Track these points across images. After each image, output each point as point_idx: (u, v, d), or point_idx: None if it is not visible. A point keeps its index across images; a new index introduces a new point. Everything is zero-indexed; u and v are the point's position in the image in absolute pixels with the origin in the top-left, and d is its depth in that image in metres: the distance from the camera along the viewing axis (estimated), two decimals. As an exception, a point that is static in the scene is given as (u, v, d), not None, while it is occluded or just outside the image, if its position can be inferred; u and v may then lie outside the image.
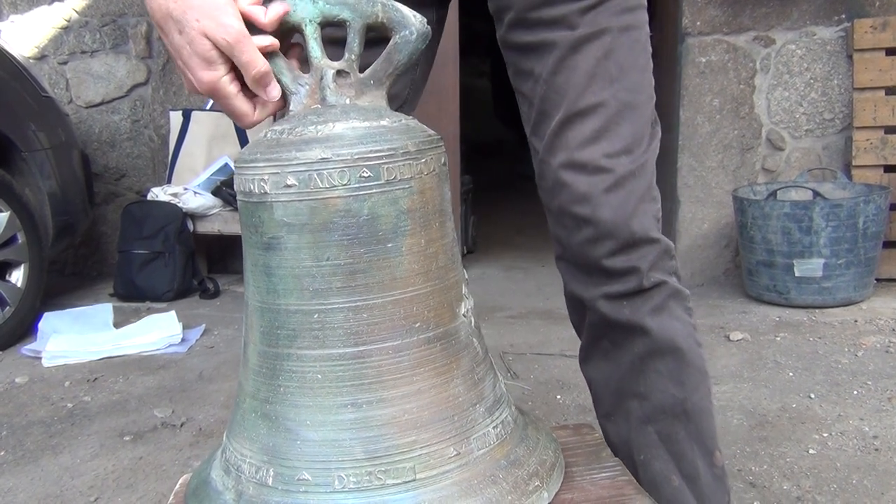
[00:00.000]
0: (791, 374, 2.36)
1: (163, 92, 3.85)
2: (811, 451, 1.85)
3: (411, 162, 0.71)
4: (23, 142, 3.03)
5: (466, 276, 0.80)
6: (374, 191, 0.69)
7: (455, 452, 0.70)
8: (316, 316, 0.70)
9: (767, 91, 3.43)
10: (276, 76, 0.74)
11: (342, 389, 0.69)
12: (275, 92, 0.74)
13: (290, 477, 0.69)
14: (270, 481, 0.70)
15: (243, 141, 3.62)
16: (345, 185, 0.68)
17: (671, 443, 1.00)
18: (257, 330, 0.73)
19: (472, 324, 0.77)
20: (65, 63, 3.87)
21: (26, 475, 1.85)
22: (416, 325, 0.71)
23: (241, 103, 0.74)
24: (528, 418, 0.83)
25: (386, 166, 0.69)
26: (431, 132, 0.76)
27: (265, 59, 0.72)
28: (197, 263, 3.60)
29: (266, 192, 0.70)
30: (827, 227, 2.92)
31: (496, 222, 4.89)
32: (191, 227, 3.53)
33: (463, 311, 0.75)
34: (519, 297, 3.37)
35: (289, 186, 0.69)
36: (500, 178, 6.69)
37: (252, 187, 0.71)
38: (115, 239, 3.68)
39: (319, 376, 0.70)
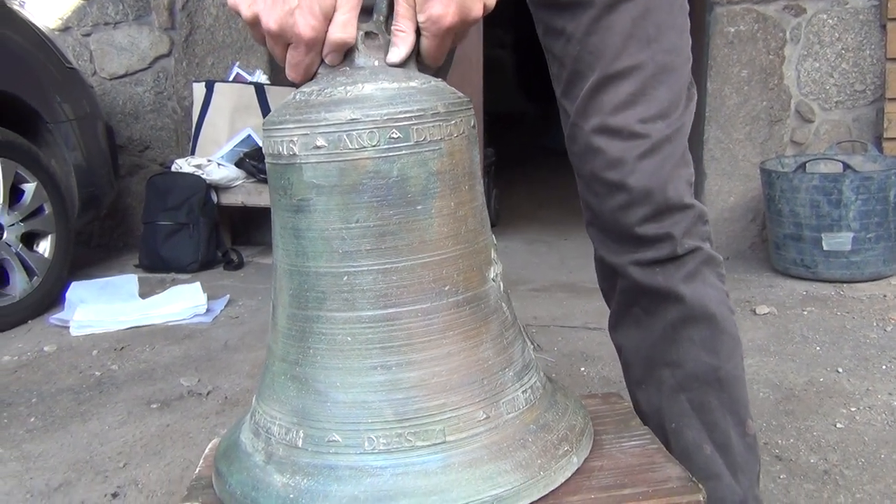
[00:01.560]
0: (818, 348, 2.33)
1: (186, 63, 3.85)
2: (838, 426, 1.83)
3: (441, 123, 0.70)
4: (48, 113, 3.04)
5: (495, 242, 0.79)
6: (403, 152, 0.68)
7: (485, 416, 0.70)
8: (345, 278, 0.69)
9: (797, 62, 3.36)
10: None
11: (371, 352, 0.69)
12: (336, 59, 0.72)
13: (320, 438, 0.69)
14: (300, 443, 0.70)
15: (266, 112, 3.62)
16: (374, 146, 0.68)
17: (704, 411, 0.99)
18: (286, 293, 0.73)
19: (501, 288, 0.76)
20: (88, 35, 3.88)
21: (56, 441, 1.88)
22: (446, 288, 0.70)
23: (317, 58, 0.71)
24: (557, 385, 0.83)
25: (415, 127, 0.68)
26: (461, 94, 0.75)
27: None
28: (221, 235, 3.62)
29: (295, 154, 0.69)
30: (856, 201, 2.88)
31: (519, 195, 4.86)
32: (214, 198, 3.54)
33: (492, 275, 0.74)
34: (542, 270, 3.36)
35: (318, 148, 0.68)
36: (522, 150, 6.65)
37: (281, 149, 0.70)
38: (139, 211, 3.70)
39: (349, 338, 0.69)
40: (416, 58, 0.74)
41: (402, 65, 0.73)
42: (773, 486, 1.57)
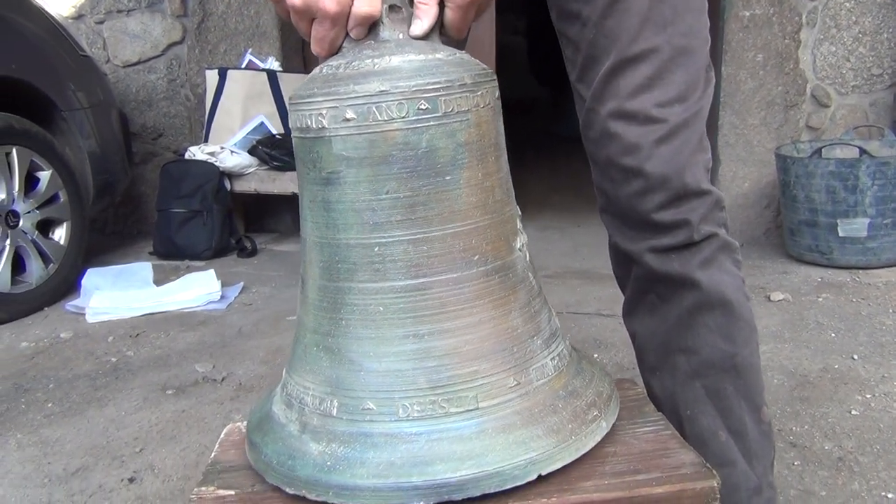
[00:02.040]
0: (833, 335, 2.32)
1: (198, 51, 3.85)
2: (854, 412, 1.82)
3: (468, 94, 0.70)
4: (62, 101, 3.06)
5: (520, 213, 0.79)
6: (431, 123, 0.69)
7: (515, 382, 0.71)
8: (376, 249, 0.70)
9: (813, 46, 3.33)
10: None
11: (403, 321, 0.70)
12: (361, 32, 0.72)
13: (355, 407, 0.70)
14: (335, 412, 0.71)
15: (278, 99, 3.62)
16: (403, 117, 0.68)
17: (719, 398, 0.98)
18: (317, 265, 0.74)
19: (527, 258, 0.77)
20: (101, 22, 3.89)
21: (73, 426, 1.90)
22: (475, 258, 0.71)
23: (342, 32, 0.72)
24: (581, 354, 0.84)
25: (443, 98, 0.69)
26: (485, 66, 0.75)
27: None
28: (234, 222, 3.63)
29: (324, 127, 0.70)
30: (873, 186, 2.85)
31: (531, 182, 4.85)
32: (228, 186, 3.55)
33: (518, 245, 0.75)
34: (555, 257, 3.35)
35: (347, 120, 0.69)
36: (534, 136, 6.62)
37: (309, 122, 0.71)
38: (153, 198, 3.72)
39: (381, 308, 0.70)
40: (439, 30, 0.75)
41: (425, 37, 0.73)
42: (787, 473, 1.57)
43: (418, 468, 0.66)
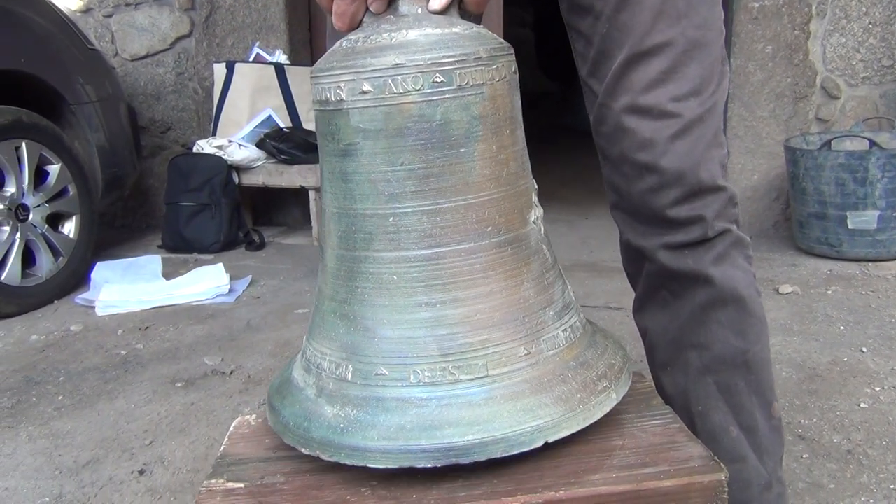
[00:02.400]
0: (842, 327, 2.31)
1: (206, 44, 3.85)
2: (862, 405, 1.82)
3: (483, 68, 0.71)
4: (71, 95, 3.07)
5: (536, 187, 0.80)
6: (446, 96, 0.70)
7: (525, 352, 0.72)
8: (391, 219, 0.72)
9: (823, 37, 3.31)
10: None
11: (417, 289, 0.71)
12: (381, 7, 0.74)
13: (369, 372, 0.72)
14: (349, 377, 0.73)
15: (286, 93, 3.62)
16: (418, 90, 0.69)
17: (731, 394, 0.98)
18: (335, 235, 0.76)
19: (542, 231, 0.78)
20: (110, 16, 3.90)
21: (84, 419, 1.91)
22: (488, 229, 0.72)
23: (361, 6, 0.74)
24: (597, 327, 0.85)
25: (458, 72, 0.70)
26: (501, 40, 0.76)
27: None
28: (242, 215, 3.64)
29: (342, 100, 0.72)
30: (883, 178, 2.84)
31: (539, 174, 4.80)
32: (236, 179, 3.56)
33: (533, 218, 0.76)
34: (563, 250, 3.35)
35: (364, 93, 0.70)
36: (543, 130, 6.61)
37: (328, 95, 0.73)
38: (162, 191, 3.73)
39: (395, 277, 0.72)
40: (458, 5, 0.76)
41: (443, 12, 0.74)
42: (795, 466, 1.57)
43: (427, 432, 0.68)
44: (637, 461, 0.73)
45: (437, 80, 0.70)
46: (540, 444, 0.68)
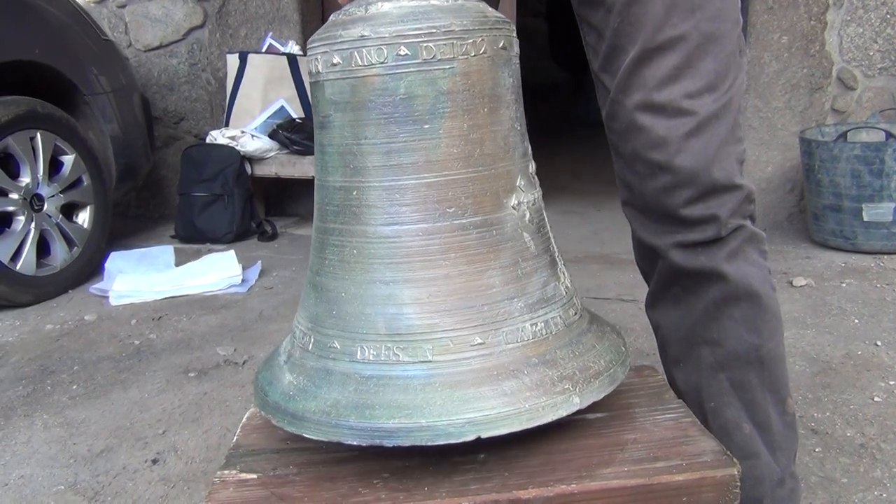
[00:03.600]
0: (857, 320, 2.30)
1: (219, 35, 3.86)
2: (876, 399, 1.81)
3: (454, 42, 0.69)
4: (85, 85, 3.08)
5: (532, 170, 0.77)
6: (411, 70, 0.69)
7: (480, 341, 0.70)
8: (355, 193, 0.72)
9: (840, 27, 3.27)
10: None
11: (373, 266, 0.71)
12: None
13: (325, 344, 0.73)
14: (310, 347, 0.75)
15: (299, 83, 3.62)
16: (382, 62, 0.69)
17: (743, 390, 0.97)
18: (315, 206, 0.77)
19: (527, 218, 0.75)
20: (123, 6, 3.90)
21: (97, 408, 1.93)
22: (451, 210, 0.70)
23: None
24: (603, 330, 0.81)
25: (424, 45, 0.68)
26: (495, 15, 0.73)
27: None
28: (255, 206, 3.65)
29: (319, 72, 0.72)
30: (899, 170, 2.81)
31: (552, 166, 4.82)
32: (248, 170, 3.56)
33: (513, 202, 0.73)
34: (575, 242, 3.34)
35: (334, 65, 0.71)
36: (555, 121, 6.59)
37: (311, 67, 0.74)
38: (175, 182, 3.74)
39: (355, 251, 0.72)
40: None
41: None
42: (808, 460, 1.56)
43: (359, 410, 0.68)
44: (649, 455, 0.73)
45: (402, 52, 0.68)
46: (471, 437, 0.66)
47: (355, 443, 0.68)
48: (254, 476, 0.75)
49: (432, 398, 0.67)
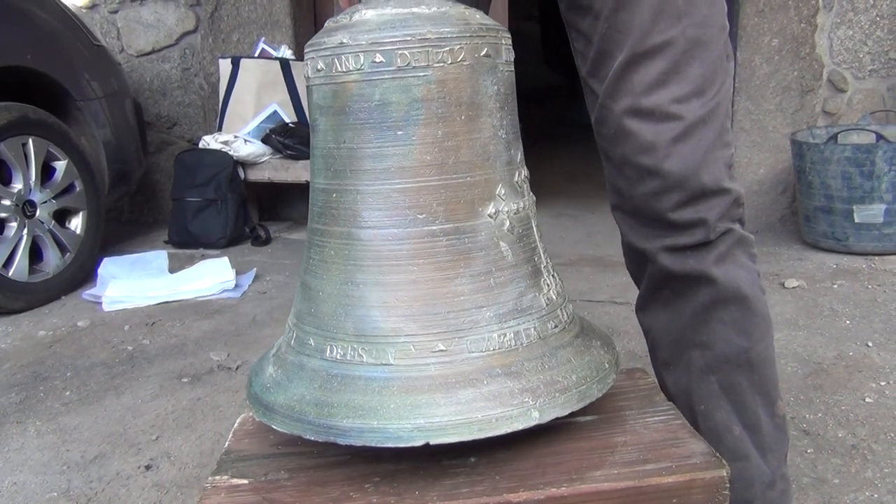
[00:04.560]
0: (848, 322, 2.31)
1: (211, 40, 3.86)
2: (868, 400, 1.82)
3: (429, 49, 0.70)
4: (77, 91, 3.07)
5: (520, 179, 0.77)
6: (385, 77, 0.70)
7: (442, 348, 0.70)
8: (334, 195, 0.74)
9: (830, 30, 3.29)
10: None
11: (347, 267, 0.73)
12: None
13: (303, 340, 0.75)
14: (293, 342, 0.77)
15: (291, 88, 3.62)
16: (359, 69, 0.70)
17: (733, 393, 0.97)
18: (309, 207, 0.80)
19: (506, 227, 0.74)
20: (115, 12, 3.90)
21: (90, 414, 1.92)
22: (421, 217, 0.71)
23: None
24: (589, 345, 0.79)
25: (399, 52, 0.69)
26: (481, 23, 0.73)
27: None
28: (248, 211, 3.65)
29: (309, 77, 0.75)
30: (890, 172, 2.82)
31: (545, 169, 4.83)
32: (242, 174, 3.56)
33: (490, 211, 0.73)
34: (568, 245, 3.35)
35: (319, 71, 0.73)
36: (549, 124, 6.60)
37: (304, 72, 0.77)
38: (168, 187, 3.74)
39: (333, 252, 0.74)
40: None
41: None
42: (800, 461, 1.57)
43: (318, 407, 0.70)
44: (639, 457, 0.74)
45: (377, 60, 0.70)
46: (419, 443, 0.67)
47: (312, 438, 0.70)
48: (245, 481, 0.75)
49: (387, 401, 0.68)
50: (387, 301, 0.71)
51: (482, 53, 0.73)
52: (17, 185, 2.77)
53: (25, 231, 2.77)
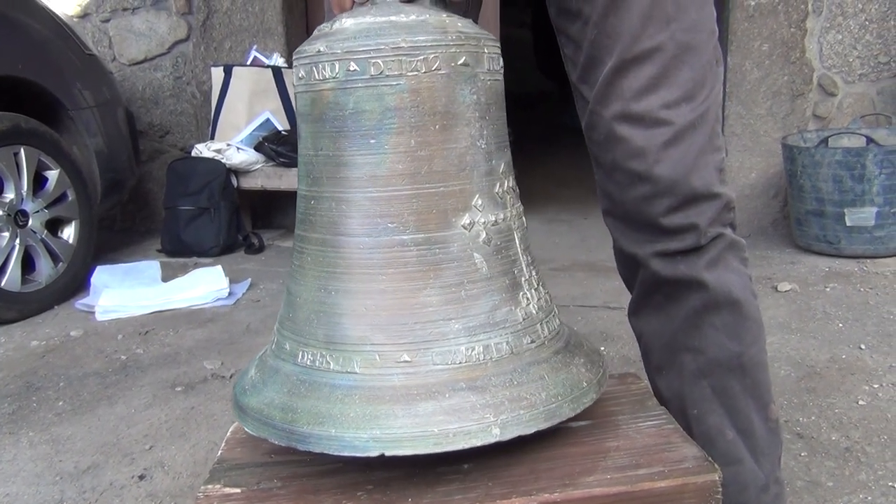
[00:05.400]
0: (841, 324, 2.32)
1: (204, 48, 3.86)
2: (861, 403, 1.82)
3: (402, 58, 0.70)
4: (69, 100, 3.07)
5: (501, 190, 0.75)
6: (359, 85, 0.70)
7: (407, 359, 0.70)
8: (312, 202, 0.74)
9: (820, 34, 3.31)
10: None
11: (321, 274, 0.74)
12: None
13: (281, 345, 0.76)
14: (274, 346, 0.78)
15: (284, 96, 3.63)
16: (335, 77, 0.71)
17: (726, 397, 0.97)
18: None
19: (481, 239, 0.73)
20: (107, 21, 3.90)
21: (84, 424, 1.91)
22: (392, 226, 0.71)
23: None
24: (569, 362, 0.77)
25: (373, 61, 0.70)
26: (462, 31, 0.73)
27: None
28: (241, 219, 3.65)
29: (294, 84, 0.76)
30: (880, 175, 2.84)
31: (538, 175, 4.84)
32: (234, 182, 3.56)
33: (464, 222, 0.72)
34: (562, 250, 3.35)
35: (301, 78, 0.74)
36: (542, 129, 6.62)
37: (292, 80, 0.78)
38: (161, 195, 3.73)
39: (310, 259, 0.75)
40: None
41: (412, 0, 0.75)
42: (794, 464, 1.57)
43: (283, 412, 0.70)
44: (631, 462, 0.74)
45: (351, 68, 0.70)
46: (374, 454, 0.66)
47: (276, 441, 0.71)
48: (238, 490, 0.74)
49: (347, 410, 0.68)
50: (356, 309, 0.71)
51: (459, 62, 0.72)
52: (9, 195, 2.76)
53: (17, 241, 2.76)
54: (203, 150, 3.53)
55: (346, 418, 0.68)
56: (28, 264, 2.84)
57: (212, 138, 3.68)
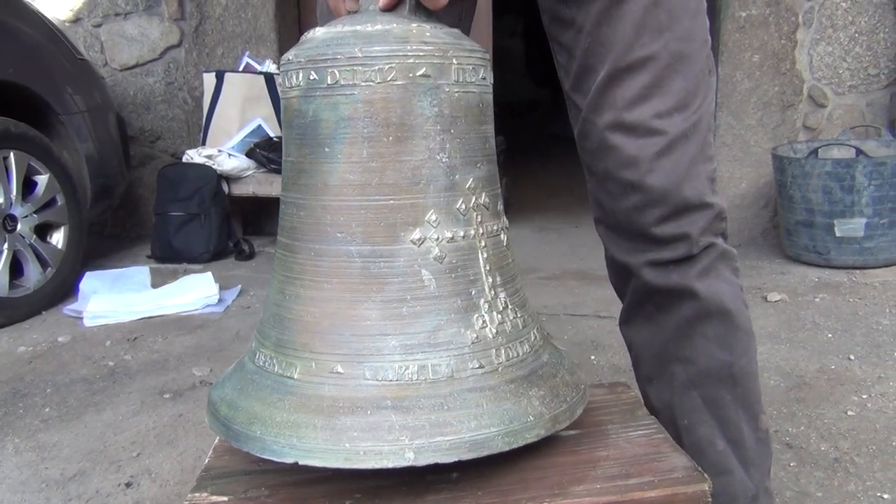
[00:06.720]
0: (830, 335, 2.32)
1: (196, 54, 3.85)
2: (850, 413, 1.83)
3: (356, 68, 0.70)
4: (60, 105, 3.06)
5: (465, 207, 0.72)
6: (318, 94, 0.71)
7: (339, 371, 0.69)
8: (283, 206, 0.76)
9: (810, 46, 3.33)
10: None
11: (281, 277, 0.75)
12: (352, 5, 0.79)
13: (252, 349, 0.78)
14: (252, 344, 0.80)
15: (276, 102, 3.62)
16: (299, 86, 0.72)
17: (716, 407, 0.97)
18: None
19: (432, 255, 0.70)
20: (99, 26, 3.89)
21: (71, 431, 1.90)
22: (339, 235, 0.71)
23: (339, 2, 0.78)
24: (521, 394, 0.72)
25: (329, 70, 0.70)
26: (426, 41, 0.71)
27: None
28: (232, 225, 3.63)
29: (280, 92, 0.79)
30: (870, 186, 2.86)
31: (529, 183, 4.85)
32: (225, 188, 3.55)
33: (414, 237, 0.70)
34: (552, 259, 3.36)
35: (279, 86, 0.77)
36: (533, 138, 6.63)
37: None
38: (151, 201, 3.72)
39: (277, 262, 0.77)
40: (413, 4, 0.75)
41: (391, 9, 0.74)
42: (783, 474, 1.57)
43: (228, 408, 0.73)
44: (621, 472, 0.74)
45: (312, 77, 0.71)
46: (290, 460, 0.66)
47: (218, 434, 0.73)
48: (225, 499, 0.74)
49: (275, 414, 0.69)
50: (303, 315, 0.72)
51: (418, 73, 0.70)
52: (-2, 200, 2.75)
53: (6, 245, 2.74)
54: (194, 155, 3.52)
55: (272, 422, 0.69)
56: (16, 269, 2.82)
57: (203, 144, 3.67)
